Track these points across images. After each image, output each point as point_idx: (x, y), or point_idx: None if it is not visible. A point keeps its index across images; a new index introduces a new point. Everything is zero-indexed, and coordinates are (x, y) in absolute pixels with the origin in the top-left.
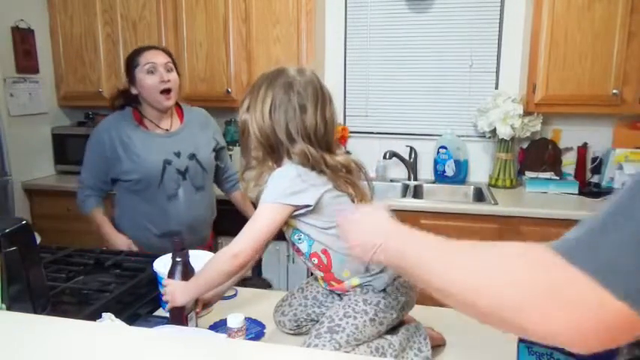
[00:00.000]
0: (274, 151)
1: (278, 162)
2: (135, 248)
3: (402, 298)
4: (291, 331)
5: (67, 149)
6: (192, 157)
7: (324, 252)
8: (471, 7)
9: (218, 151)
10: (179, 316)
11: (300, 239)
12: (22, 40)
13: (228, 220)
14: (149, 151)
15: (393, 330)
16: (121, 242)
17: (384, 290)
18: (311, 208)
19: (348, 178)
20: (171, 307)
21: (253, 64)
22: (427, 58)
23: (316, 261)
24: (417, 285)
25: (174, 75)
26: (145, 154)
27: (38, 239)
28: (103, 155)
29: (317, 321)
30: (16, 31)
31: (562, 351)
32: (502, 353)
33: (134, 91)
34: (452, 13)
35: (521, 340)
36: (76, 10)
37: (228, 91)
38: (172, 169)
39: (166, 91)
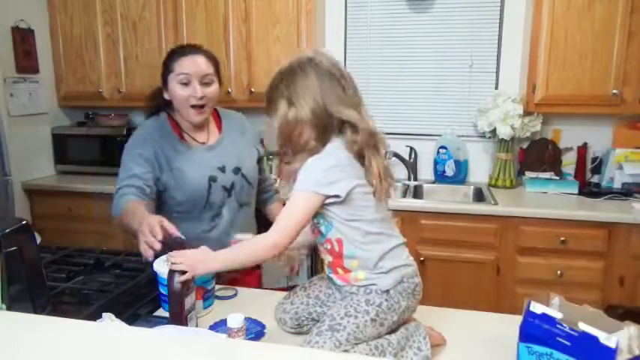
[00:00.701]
0: (327, 130)
1: (324, 144)
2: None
3: (403, 302)
4: (292, 330)
5: (67, 149)
6: (238, 171)
7: (339, 241)
8: (471, 7)
9: (258, 161)
10: (179, 316)
11: (319, 223)
12: (22, 40)
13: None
14: (193, 167)
15: (392, 329)
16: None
17: (387, 292)
18: (340, 199)
19: (376, 155)
20: (184, 280)
21: (253, 64)
22: (427, 58)
23: (329, 247)
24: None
25: (211, 89)
26: (189, 171)
27: (38, 239)
28: (150, 156)
29: (318, 320)
30: (16, 31)
31: (562, 350)
32: (502, 353)
33: (167, 96)
34: (452, 13)
35: (521, 340)
36: (76, 10)
37: (228, 92)
38: (218, 187)
39: (199, 107)
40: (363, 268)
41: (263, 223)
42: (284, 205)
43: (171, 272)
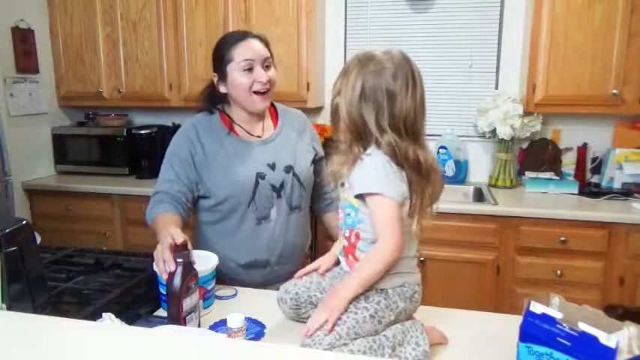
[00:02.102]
0: (362, 138)
1: (365, 148)
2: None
3: (401, 303)
4: (290, 310)
5: (67, 149)
6: (290, 169)
7: (357, 235)
8: (471, 7)
9: (316, 163)
10: (177, 317)
11: (349, 215)
12: (22, 40)
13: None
14: (240, 162)
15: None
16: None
17: (384, 291)
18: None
19: (421, 181)
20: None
21: None
22: (427, 58)
23: (348, 234)
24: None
25: (272, 73)
26: (235, 165)
27: (38, 239)
28: (189, 158)
29: (316, 306)
30: (16, 31)
31: (562, 351)
32: (502, 353)
33: (223, 89)
34: (452, 13)
35: (521, 340)
36: (76, 10)
37: None
38: (266, 185)
39: (262, 93)
40: None
41: (317, 232)
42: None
43: (171, 274)
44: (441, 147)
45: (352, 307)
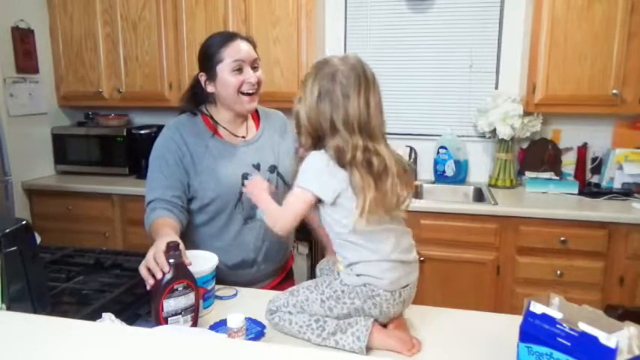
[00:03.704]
0: (320, 140)
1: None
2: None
3: (357, 301)
4: None
5: (67, 149)
6: (274, 169)
7: (327, 234)
8: (471, 7)
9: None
10: (156, 316)
11: (318, 211)
12: (22, 40)
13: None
14: (226, 163)
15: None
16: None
17: (347, 285)
18: (329, 202)
19: (374, 182)
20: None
21: None
22: (427, 58)
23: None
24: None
25: (260, 74)
26: (221, 167)
27: (38, 239)
28: (177, 161)
29: None
30: (16, 31)
31: (562, 351)
32: (502, 353)
33: (211, 89)
34: (452, 13)
35: (521, 340)
36: (76, 10)
37: None
38: None
39: (250, 94)
40: (341, 262)
41: (302, 223)
42: None
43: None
44: (441, 147)
45: (313, 285)
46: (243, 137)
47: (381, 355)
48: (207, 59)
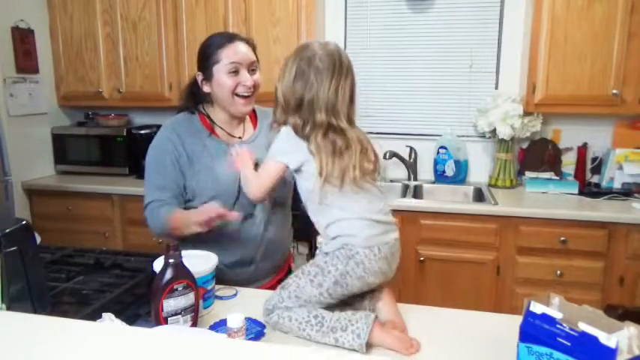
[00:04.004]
0: (292, 115)
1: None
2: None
3: (340, 266)
4: None
5: (67, 149)
6: None
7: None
8: (471, 8)
9: None
10: (156, 316)
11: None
12: (22, 40)
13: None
14: (223, 162)
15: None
16: (207, 208)
17: (327, 254)
18: (294, 169)
19: (337, 149)
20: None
21: None
22: (427, 58)
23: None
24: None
25: (257, 77)
26: (218, 166)
27: (38, 239)
28: (174, 161)
29: None
30: (16, 31)
31: (562, 351)
32: (502, 353)
33: (207, 89)
34: (452, 14)
35: (521, 340)
36: (76, 10)
37: None
38: None
39: (246, 96)
40: (320, 230)
41: (303, 223)
42: None
43: (162, 272)
44: (441, 147)
45: (299, 273)
46: (240, 138)
47: (380, 355)
48: (205, 59)
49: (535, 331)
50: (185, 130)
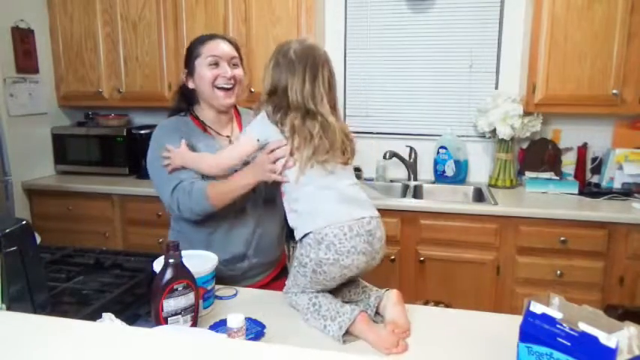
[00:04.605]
0: (266, 104)
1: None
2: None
3: (312, 255)
4: None
5: (67, 149)
6: None
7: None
8: (471, 7)
9: None
10: (156, 316)
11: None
12: (22, 40)
13: None
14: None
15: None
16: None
17: (300, 242)
18: (262, 145)
19: (313, 137)
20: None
21: (253, 64)
22: (427, 58)
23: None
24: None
25: (238, 71)
26: None
27: (38, 239)
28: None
29: None
30: (16, 31)
31: (562, 351)
32: (502, 353)
33: (191, 85)
34: (452, 14)
35: (521, 340)
36: (76, 10)
37: None
38: None
39: (227, 89)
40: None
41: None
42: None
43: (162, 272)
44: (441, 147)
45: (295, 265)
46: (228, 137)
47: (379, 354)
48: (188, 55)
49: (535, 331)
50: (182, 126)
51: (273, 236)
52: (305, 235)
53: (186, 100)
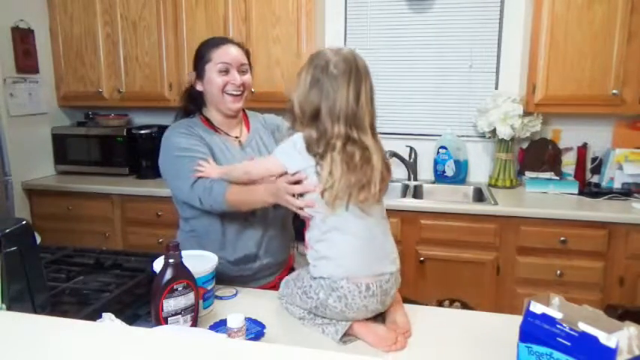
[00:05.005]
0: (308, 128)
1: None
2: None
3: (321, 295)
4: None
5: (67, 149)
6: None
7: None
8: (471, 7)
9: None
10: (156, 316)
11: None
12: (22, 40)
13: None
14: (230, 159)
15: None
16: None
17: (314, 278)
18: (291, 174)
19: (354, 167)
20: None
21: (253, 64)
22: (427, 58)
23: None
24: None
25: (247, 77)
26: (227, 163)
27: (38, 239)
28: (202, 143)
29: None
30: (16, 31)
31: (562, 351)
32: (502, 353)
33: (199, 87)
34: (452, 13)
35: (521, 340)
36: (76, 10)
37: None
38: None
39: (235, 95)
40: (308, 245)
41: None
42: None
43: (162, 272)
44: (441, 147)
45: (296, 278)
46: (237, 137)
47: (377, 354)
48: (199, 59)
49: (535, 331)
50: (195, 126)
51: (283, 236)
52: (320, 277)
53: (194, 102)
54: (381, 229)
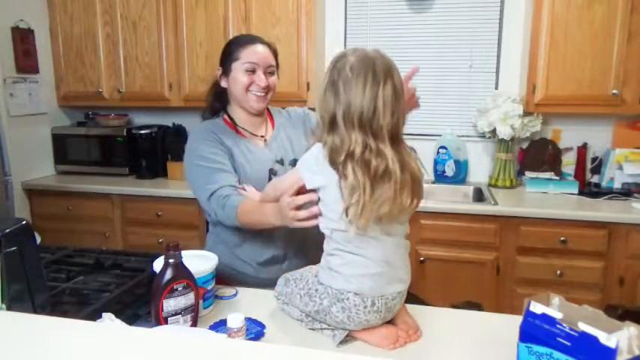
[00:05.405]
0: (328, 136)
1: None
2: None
3: (325, 302)
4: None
5: (67, 149)
6: (295, 162)
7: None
8: (471, 7)
9: None
10: (156, 316)
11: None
12: (22, 40)
13: None
14: (253, 160)
15: None
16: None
17: (321, 284)
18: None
19: (374, 180)
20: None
21: None
22: (427, 58)
23: None
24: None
25: (273, 79)
26: (249, 164)
27: (38, 239)
28: (223, 151)
29: None
30: (16, 31)
31: (562, 351)
32: (502, 353)
33: (224, 84)
34: (452, 13)
35: (521, 340)
36: (76, 10)
37: None
38: None
39: (259, 95)
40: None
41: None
42: None
43: (162, 272)
44: (441, 147)
45: (299, 278)
46: (262, 136)
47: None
48: (226, 55)
49: (535, 331)
50: (217, 129)
51: (313, 237)
52: (329, 286)
53: (219, 100)
54: (399, 254)
